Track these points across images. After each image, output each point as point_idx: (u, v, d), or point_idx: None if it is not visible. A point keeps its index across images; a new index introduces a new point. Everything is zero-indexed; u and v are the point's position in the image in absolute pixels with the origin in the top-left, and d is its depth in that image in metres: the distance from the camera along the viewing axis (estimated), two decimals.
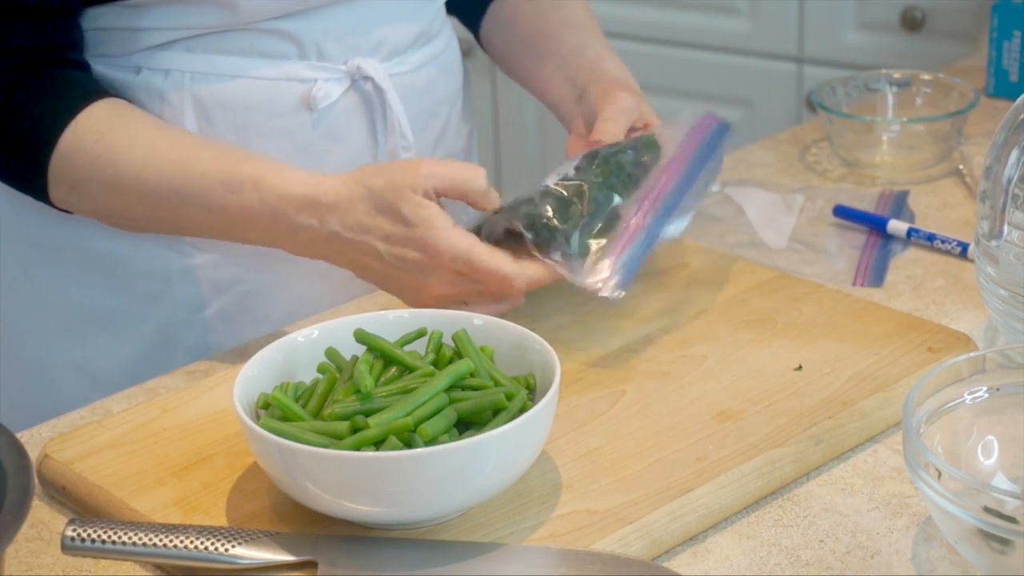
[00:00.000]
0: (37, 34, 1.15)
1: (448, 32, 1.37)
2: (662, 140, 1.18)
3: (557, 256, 1.08)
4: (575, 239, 1.08)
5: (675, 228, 1.13)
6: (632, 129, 1.23)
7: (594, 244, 1.09)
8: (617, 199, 1.11)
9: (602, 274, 1.08)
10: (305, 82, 1.23)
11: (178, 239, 1.25)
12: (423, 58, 1.30)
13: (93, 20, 1.19)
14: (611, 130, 1.20)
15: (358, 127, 1.26)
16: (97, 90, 1.17)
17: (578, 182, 1.11)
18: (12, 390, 1.31)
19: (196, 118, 1.21)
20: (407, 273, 1.10)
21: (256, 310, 1.28)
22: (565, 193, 1.11)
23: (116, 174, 1.14)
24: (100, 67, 1.21)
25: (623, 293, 1.08)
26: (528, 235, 1.08)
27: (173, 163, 1.13)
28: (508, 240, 1.11)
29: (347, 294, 1.26)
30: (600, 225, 1.10)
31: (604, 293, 1.08)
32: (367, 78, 1.25)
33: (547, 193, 1.11)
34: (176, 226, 1.17)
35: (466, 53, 1.45)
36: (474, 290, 1.10)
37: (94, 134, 1.14)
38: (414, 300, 1.12)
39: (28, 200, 1.22)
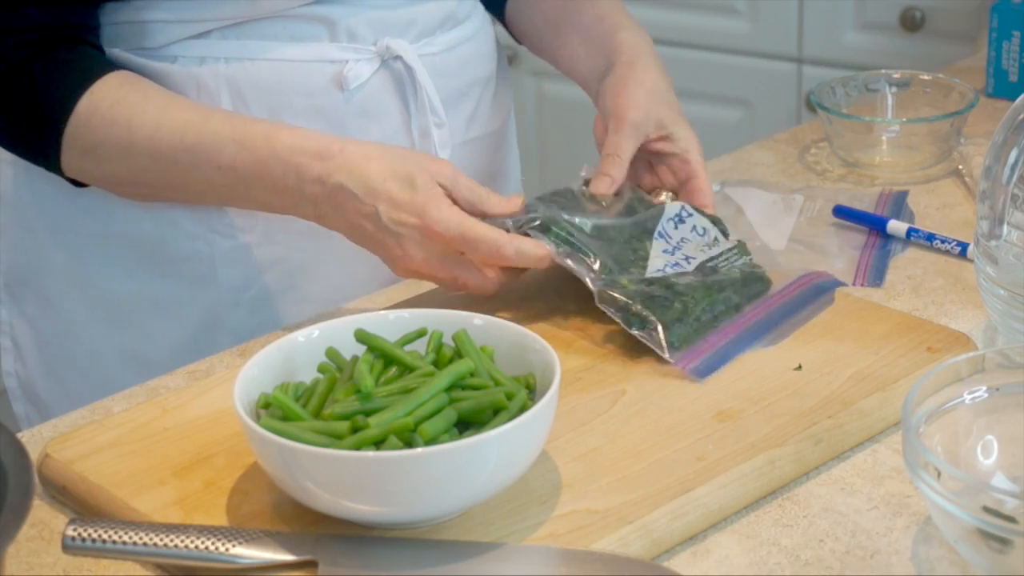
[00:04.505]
0: (57, 15, 1.18)
1: (480, 18, 1.39)
2: (773, 276, 1.21)
3: (644, 334, 1.11)
4: (671, 330, 1.11)
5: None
6: (652, 141, 1.27)
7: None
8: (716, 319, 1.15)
9: (691, 353, 1.10)
10: (336, 63, 1.26)
11: (221, 220, 1.27)
12: (452, 40, 1.34)
13: (131, 14, 1.22)
14: (617, 165, 1.24)
15: (391, 105, 1.30)
16: (111, 64, 1.21)
17: (686, 296, 1.14)
18: (66, 379, 1.34)
19: (231, 101, 1.24)
20: (397, 239, 1.13)
21: (299, 289, 1.31)
22: (672, 293, 1.14)
23: (130, 136, 1.17)
24: (137, 58, 1.24)
25: (704, 379, 1.09)
26: (636, 307, 1.12)
27: (185, 123, 1.16)
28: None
29: (386, 272, 1.27)
30: (694, 330, 1.13)
31: (688, 369, 1.09)
32: (396, 57, 1.28)
33: (661, 282, 1.15)
34: (184, 190, 1.20)
35: None
36: (451, 275, 1.13)
37: (110, 99, 1.17)
38: (398, 268, 1.15)
39: (74, 190, 1.25)
